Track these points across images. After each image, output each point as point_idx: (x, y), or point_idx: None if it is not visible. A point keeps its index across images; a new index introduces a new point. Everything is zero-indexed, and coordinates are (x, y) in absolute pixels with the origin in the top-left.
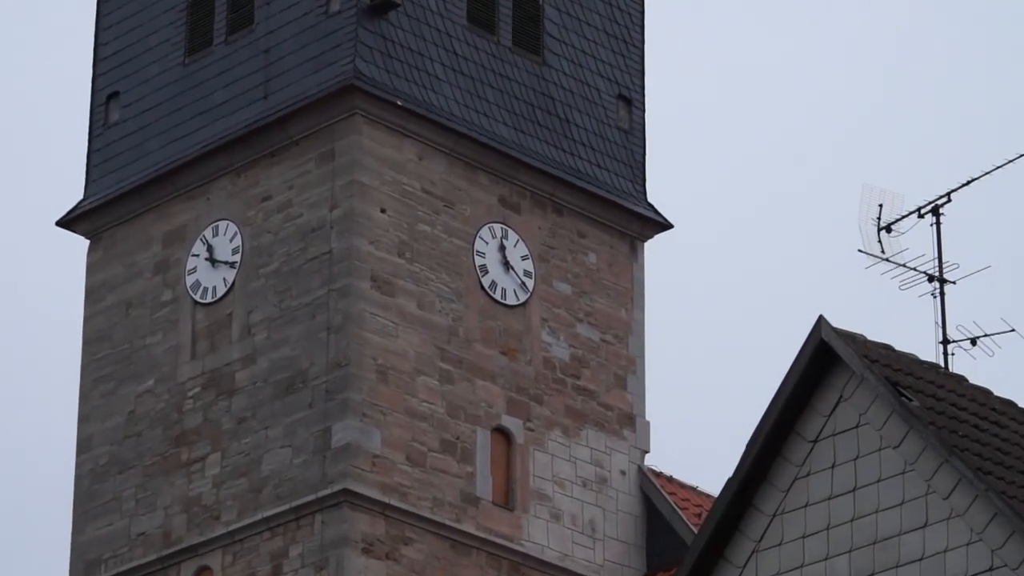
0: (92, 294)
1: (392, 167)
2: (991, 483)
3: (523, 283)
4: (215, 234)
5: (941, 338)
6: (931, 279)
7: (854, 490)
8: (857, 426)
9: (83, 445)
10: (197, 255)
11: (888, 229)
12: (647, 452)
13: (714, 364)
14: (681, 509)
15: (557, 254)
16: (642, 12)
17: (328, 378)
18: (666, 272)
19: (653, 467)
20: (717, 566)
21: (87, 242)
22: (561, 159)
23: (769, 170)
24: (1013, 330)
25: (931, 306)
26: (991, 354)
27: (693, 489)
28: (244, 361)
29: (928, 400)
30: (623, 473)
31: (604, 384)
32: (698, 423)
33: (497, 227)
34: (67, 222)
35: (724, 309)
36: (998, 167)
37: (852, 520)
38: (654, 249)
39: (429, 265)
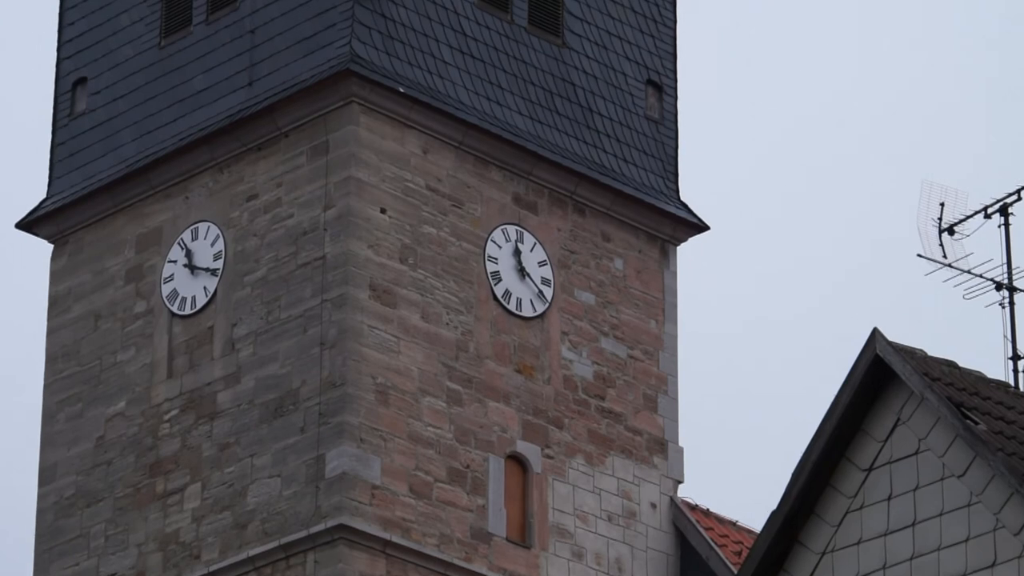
0: (56, 304)
1: (393, 162)
2: None
3: (540, 292)
4: (194, 237)
5: (1011, 353)
6: (999, 287)
7: (913, 524)
8: (916, 452)
9: (46, 475)
10: (174, 261)
11: (951, 231)
12: (680, 482)
13: (756, 383)
14: (719, 546)
15: (579, 259)
16: None
17: (321, 399)
18: (701, 279)
19: (687, 499)
20: None
21: (51, 246)
22: (583, 152)
23: (816, 166)
24: None
25: (999, 317)
26: None
27: (732, 524)
28: (227, 380)
29: (996, 423)
30: (654, 506)
31: (632, 406)
32: (738, 449)
33: (511, 229)
34: (28, 224)
35: (766, 321)
36: None
37: (911, 559)
38: (688, 253)
39: (435, 272)
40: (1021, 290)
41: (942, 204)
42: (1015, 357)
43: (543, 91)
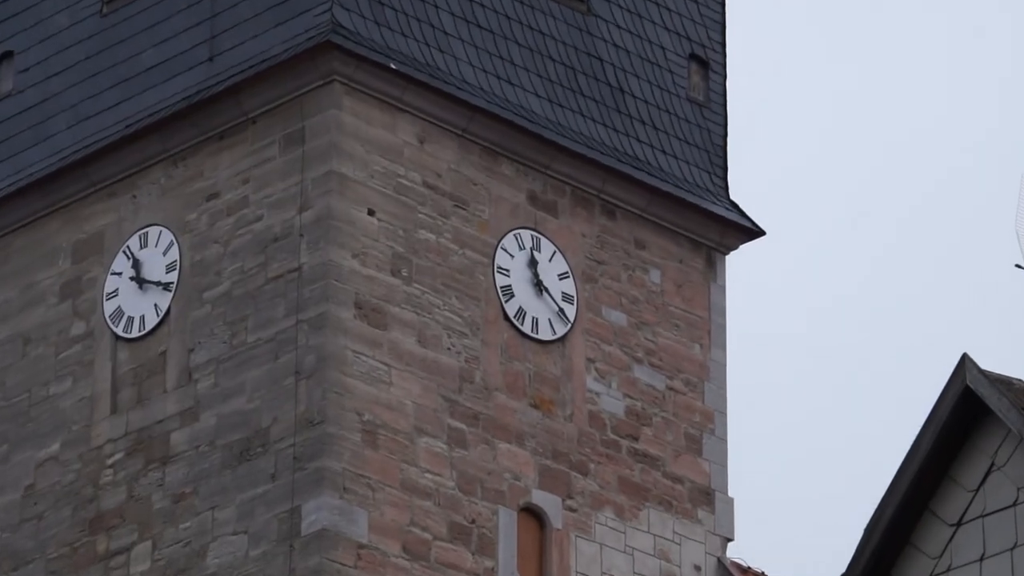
0: None
1: (383, 153)
2: None
3: (561, 311)
4: (143, 245)
5: None
6: None
7: None
8: (1015, 504)
9: None
10: (119, 273)
11: None
12: (730, 540)
13: (820, 421)
14: None
15: (608, 271)
16: None
17: (297, 440)
18: (755, 295)
19: (739, 560)
20: None
21: None
22: (613, 142)
23: (893, 159)
24: None
25: None
26: None
27: None
28: (183, 417)
29: None
30: (698, 569)
31: (672, 448)
32: (799, 500)
33: (526, 235)
34: None
35: (832, 347)
36: None
37: None
38: (739, 264)
39: (434, 286)
40: None
41: None
42: None
43: (564, 68)
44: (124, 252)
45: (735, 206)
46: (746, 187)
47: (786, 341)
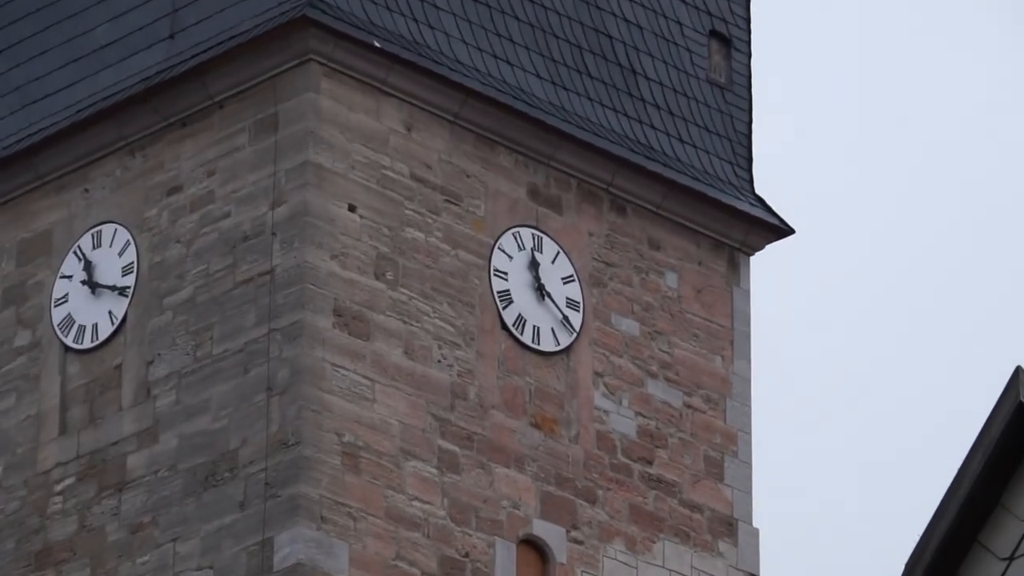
0: None
1: (366, 142)
2: None
3: (566, 319)
4: (96, 244)
5: None
6: None
7: None
8: None
9: None
10: (69, 276)
11: None
12: (755, 575)
13: (856, 441)
14: None
15: (618, 275)
16: None
17: (268, 464)
18: (783, 301)
19: None
20: None
21: None
22: (624, 129)
23: (938, 149)
24: None
25: None
26: None
27: None
28: (141, 438)
29: None
30: None
31: (690, 473)
32: (832, 530)
33: (526, 233)
34: None
35: (870, 359)
36: None
37: None
38: (765, 266)
39: (423, 291)
40: None
41: None
42: None
43: (570, 46)
44: (75, 253)
45: (761, 201)
46: (773, 180)
47: (818, 353)
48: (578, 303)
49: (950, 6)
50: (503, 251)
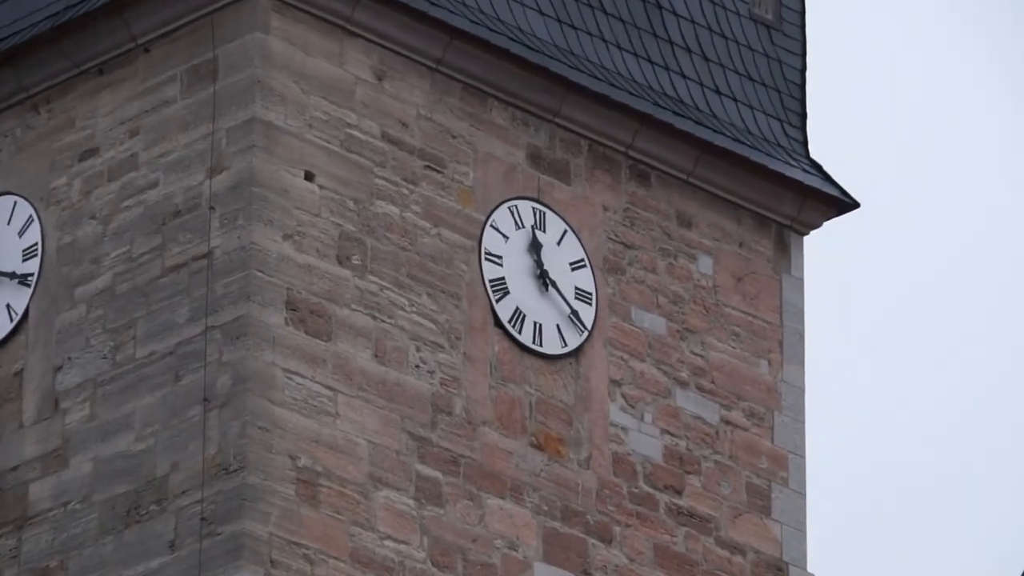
0: None
1: (327, 93)
2: None
3: (575, 314)
4: None
5: None
6: None
7: None
8: None
9: None
10: None
11: None
12: None
13: (934, 467)
14: None
15: (639, 259)
16: None
17: (206, 495)
18: (845, 291)
19: None
20: None
21: None
22: (647, 78)
23: None
24: None
25: None
26: None
27: None
28: (47, 463)
29: None
30: None
31: (729, 505)
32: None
33: (526, 208)
34: None
35: (954, 364)
36: None
37: None
38: (822, 249)
39: (397, 280)
40: None
41: None
42: None
43: None
44: None
45: (817, 167)
46: (832, 141)
47: (888, 356)
48: (590, 294)
49: None
50: (497, 230)
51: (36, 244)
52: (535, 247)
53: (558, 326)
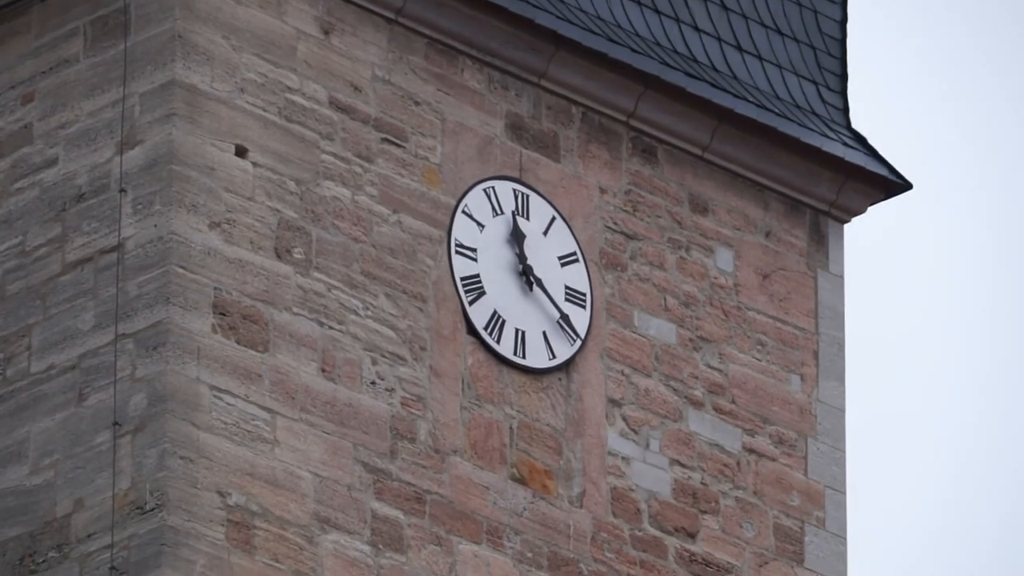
0: None
1: (263, 51)
2: None
3: (564, 318)
4: None
5: None
6: None
7: None
8: None
9: None
10: None
11: None
12: None
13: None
14: None
15: (644, 251)
16: None
17: (117, 539)
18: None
19: None
20: None
21: None
22: (654, 33)
23: None
24: None
25: None
26: None
27: None
28: None
29: None
30: None
31: (753, 551)
32: None
33: (505, 189)
34: None
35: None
36: None
37: None
38: (867, 239)
39: (348, 278)
40: None
41: None
42: None
43: None
44: None
45: (861, 140)
46: (878, 109)
47: (946, 368)
48: (584, 295)
49: None
50: (470, 216)
51: None
52: (516, 238)
53: (544, 334)
